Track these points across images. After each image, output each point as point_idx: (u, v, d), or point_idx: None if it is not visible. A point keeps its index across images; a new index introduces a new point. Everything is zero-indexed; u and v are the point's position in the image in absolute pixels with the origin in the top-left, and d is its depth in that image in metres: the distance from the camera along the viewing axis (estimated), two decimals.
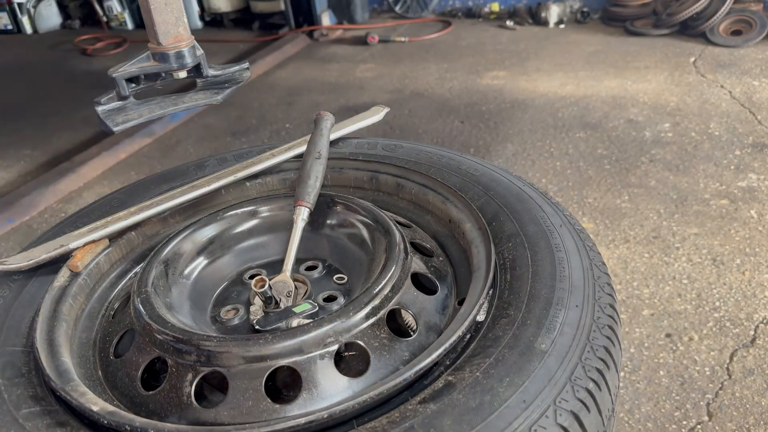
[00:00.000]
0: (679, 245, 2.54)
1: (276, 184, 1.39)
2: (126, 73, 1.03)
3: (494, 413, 0.73)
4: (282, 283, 1.03)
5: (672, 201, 2.86)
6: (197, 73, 1.12)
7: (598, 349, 0.83)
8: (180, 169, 1.44)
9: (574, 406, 0.76)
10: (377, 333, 0.90)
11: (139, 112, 1.07)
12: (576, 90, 4.28)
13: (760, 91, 3.98)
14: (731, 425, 1.77)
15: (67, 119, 4.67)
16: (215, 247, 1.19)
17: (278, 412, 0.83)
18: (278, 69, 5.42)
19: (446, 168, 1.29)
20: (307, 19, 6.30)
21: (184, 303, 1.07)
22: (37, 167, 3.96)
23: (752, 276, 2.33)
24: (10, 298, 1.06)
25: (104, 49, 6.61)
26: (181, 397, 0.86)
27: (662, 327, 2.13)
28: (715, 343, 2.04)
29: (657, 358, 2.01)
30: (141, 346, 0.93)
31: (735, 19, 4.92)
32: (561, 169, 3.24)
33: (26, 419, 0.82)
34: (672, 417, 1.81)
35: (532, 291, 0.92)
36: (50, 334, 0.98)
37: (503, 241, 1.06)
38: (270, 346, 0.85)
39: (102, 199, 1.36)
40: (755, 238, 2.55)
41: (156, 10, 0.97)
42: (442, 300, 1.02)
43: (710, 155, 3.24)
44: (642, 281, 2.36)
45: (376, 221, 1.13)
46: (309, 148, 1.24)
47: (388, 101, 4.41)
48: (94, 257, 1.15)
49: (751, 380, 1.90)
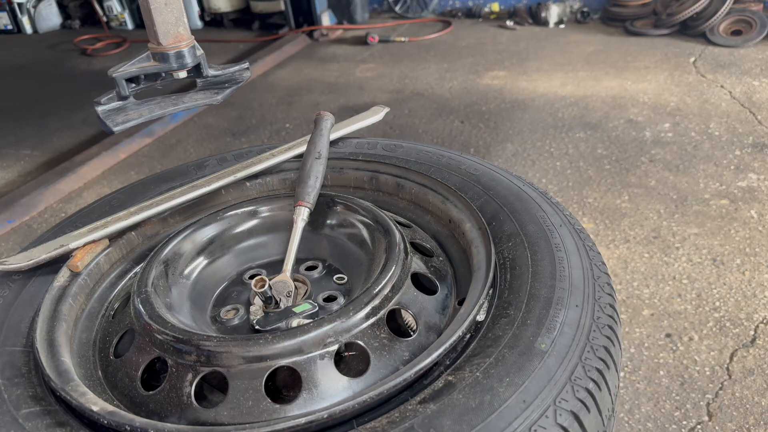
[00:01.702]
0: (679, 245, 2.54)
1: (276, 184, 1.39)
2: (126, 73, 1.03)
3: (494, 413, 0.73)
4: (282, 283, 1.03)
5: (672, 201, 2.86)
6: (197, 73, 1.12)
7: (598, 349, 0.83)
8: (180, 169, 1.44)
9: (574, 406, 0.76)
10: (377, 333, 0.90)
11: (139, 112, 1.07)
12: (576, 90, 4.28)
13: (760, 91, 3.98)
14: (731, 425, 1.77)
15: (67, 119, 4.67)
16: (215, 247, 1.19)
17: (278, 412, 0.83)
18: (278, 69, 5.42)
19: (446, 168, 1.29)
20: (307, 19, 6.30)
21: (184, 303, 1.07)
22: (37, 167, 3.96)
23: (752, 276, 2.33)
24: (10, 298, 1.06)
25: (104, 49, 6.61)
26: (181, 397, 0.86)
27: (662, 327, 2.13)
28: (715, 343, 2.04)
29: (657, 358, 2.01)
30: (141, 346, 0.93)
31: (735, 19, 4.92)
32: (561, 169, 3.24)
33: (26, 419, 0.82)
34: (672, 417, 1.81)
35: (532, 291, 0.92)
36: (50, 334, 0.98)
37: (503, 240, 1.06)
38: (270, 346, 0.85)
39: (102, 199, 1.36)
40: (755, 238, 2.55)
41: (156, 10, 0.97)
42: (442, 300, 1.02)
43: (710, 155, 3.24)
44: (642, 281, 2.36)
45: (376, 221, 1.13)
46: (309, 148, 1.23)
47: (388, 101, 4.41)
48: (94, 257, 1.15)
49: (751, 380, 1.90)
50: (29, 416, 0.82)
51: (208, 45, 6.20)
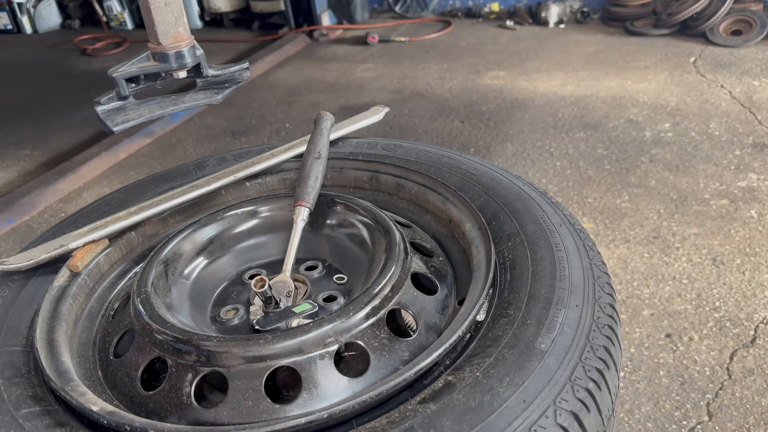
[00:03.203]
0: (679, 245, 2.54)
1: (276, 184, 1.39)
2: (126, 73, 1.03)
3: (494, 413, 0.73)
4: (282, 283, 1.03)
5: (672, 201, 2.86)
6: (197, 73, 1.12)
7: (598, 349, 0.83)
8: (180, 169, 1.43)
9: (574, 406, 0.76)
10: (377, 333, 0.90)
11: (139, 112, 1.07)
12: (576, 90, 4.28)
13: (760, 91, 3.98)
14: (731, 425, 1.77)
15: (67, 119, 4.67)
16: (215, 247, 1.19)
17: (278, 412, 0.83)
18: (278, 69, 5.42)
19: (446, 168, 1.29)
20: (307, 19, 6.30)
21: (184, 303, 1.07)
22: (37, 167, 3.96)
23: (752, 276, 2.33)
24: (10, 298, 1.06)
25: (104, 49, 6.61)
26: (181, 397, 0.86)
27: (662, 327, 2.13)
28: (715, 343, 2.04)
29: (657, 358, 2.01)
30: (141, 346, 0.93)
31: (735, 19, 4.92)
32: (561, 169, 3.24)
33: (26, 419, 0.82)
34: (672, 417, 1.81)
35: (531, 291, 0.92)
36: (50, 334, 0.98)
37: (503, 240, 1.05)
38: (270, 346, 0.85)
39: (102, 199, 1.36)
40: (755, 238, 2.55)
41: (156, 10, 0.97)
42: (442, 300, 1.02)
43: (710, 155, 3.24)
44: (642, 281, 2.35)
45: (376, 221, 1.13)
46: (309, 148, 1.23)
47: (388, 101, 4.41)
48: (94, 257, 1.15)
49: (751, 380, 1.90)
50: (29, 416, 0.82)
51: (208, 45, 6.20)
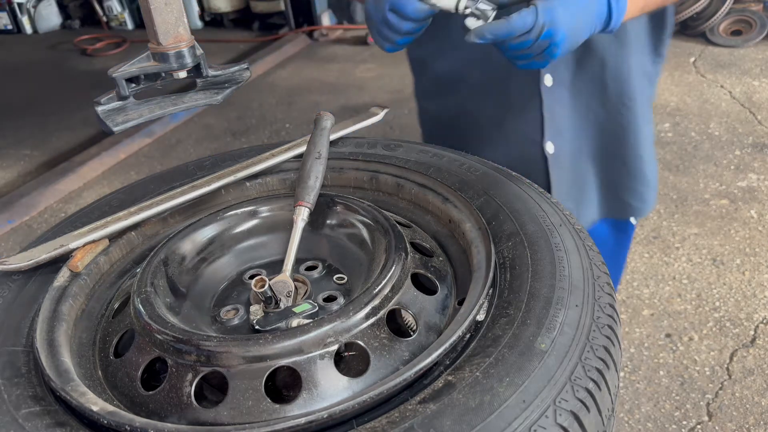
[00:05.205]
0: (679, 245, 2.54)
1: (276, 184, 1.39)
2: (126, 73, 1.03)
3: (494, 413, 0.73)
4: (282, 283, 1.03)
5: (672, 201, 2.86)
6: (197, 73, 1.12)
7: (598, 349, 0.83)
8: (180, 169, 1.43)
9: (574, 406, 0.76)
10: (377, 333, 0.90)
11: (139, 112, 1.07)
12: None
13: (760, 91, 3.98)
14: (731, 425, 1.77)
15: (66, 119, 4.67)
16: (215, 247, 1.19)
17: (278, 412, 0.83)
18: (278, 69, 5.43)
19: (446, 168, 1.29)
20: (307, 19, 6.30)
21: (184, 303, 1.07)
22: (37, 167, 3.96)
23: (752, 276, 2.33)
24: (10, 298, 1.06)
25: (104, 49, 6.62)
26: (181, 397, 0.86)
27: (662, 327, 2.13)
28: (715, 343, 2.04)
29: (657, 358, 2.01)
30: (141, 346, 0.93)
31: (735, 19, 4.92)
32: None
33: (26, 419, 0.82)
34: (672, 417, 1.81)
35: (531, 290, 0.92)
36: (50, 334, 0.98)
37: (503, 240, 1.06)
38: (270, 346, 0.85)
39: (102, 199, 1.36)
40: (755, 238, 2.55)
41: (156, 10, 0.97)
42: (442, 300, 1.02)
43: (710, 155, 3.24)
44: (642, 281, 2.35)
45: (376, 221, 1.13)
46: (309, 148, 1.23)
47: (388, 101, 4.41)
48: (94, 257, 1.15)
49: (751, 380, 1.90)
50: (29, 416, 0.82)
51: (208, 45, 6.20)
